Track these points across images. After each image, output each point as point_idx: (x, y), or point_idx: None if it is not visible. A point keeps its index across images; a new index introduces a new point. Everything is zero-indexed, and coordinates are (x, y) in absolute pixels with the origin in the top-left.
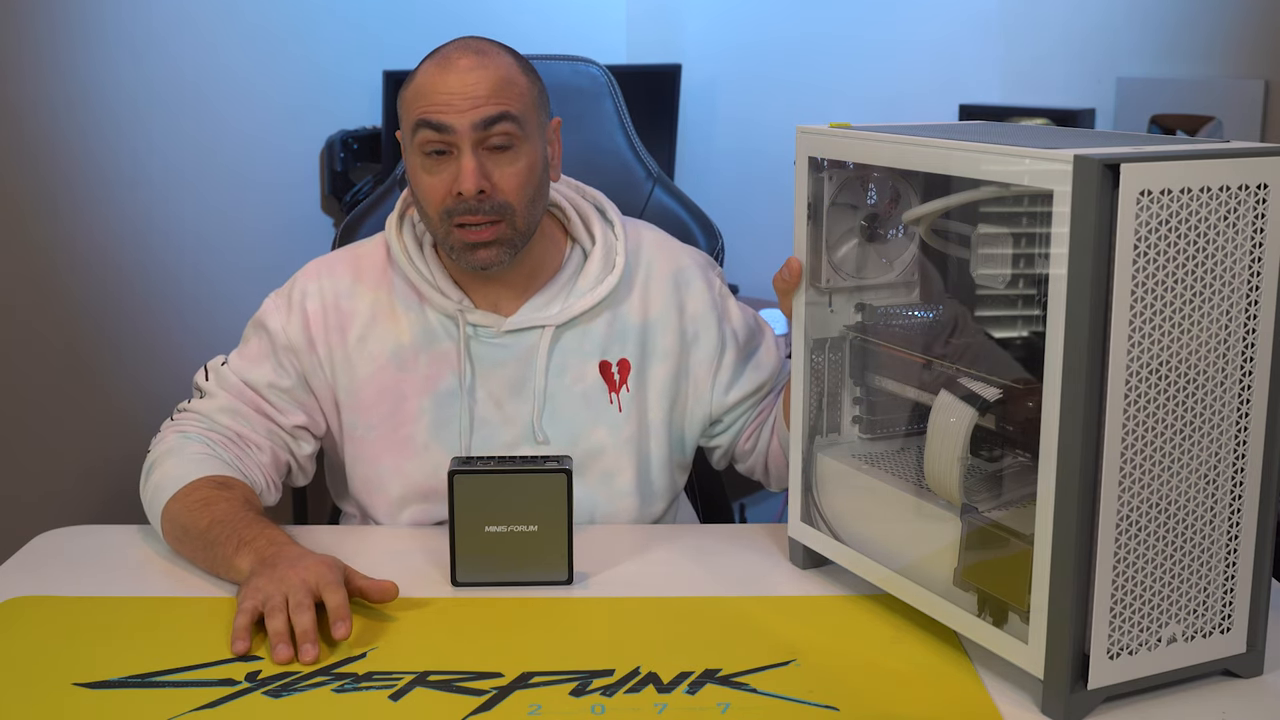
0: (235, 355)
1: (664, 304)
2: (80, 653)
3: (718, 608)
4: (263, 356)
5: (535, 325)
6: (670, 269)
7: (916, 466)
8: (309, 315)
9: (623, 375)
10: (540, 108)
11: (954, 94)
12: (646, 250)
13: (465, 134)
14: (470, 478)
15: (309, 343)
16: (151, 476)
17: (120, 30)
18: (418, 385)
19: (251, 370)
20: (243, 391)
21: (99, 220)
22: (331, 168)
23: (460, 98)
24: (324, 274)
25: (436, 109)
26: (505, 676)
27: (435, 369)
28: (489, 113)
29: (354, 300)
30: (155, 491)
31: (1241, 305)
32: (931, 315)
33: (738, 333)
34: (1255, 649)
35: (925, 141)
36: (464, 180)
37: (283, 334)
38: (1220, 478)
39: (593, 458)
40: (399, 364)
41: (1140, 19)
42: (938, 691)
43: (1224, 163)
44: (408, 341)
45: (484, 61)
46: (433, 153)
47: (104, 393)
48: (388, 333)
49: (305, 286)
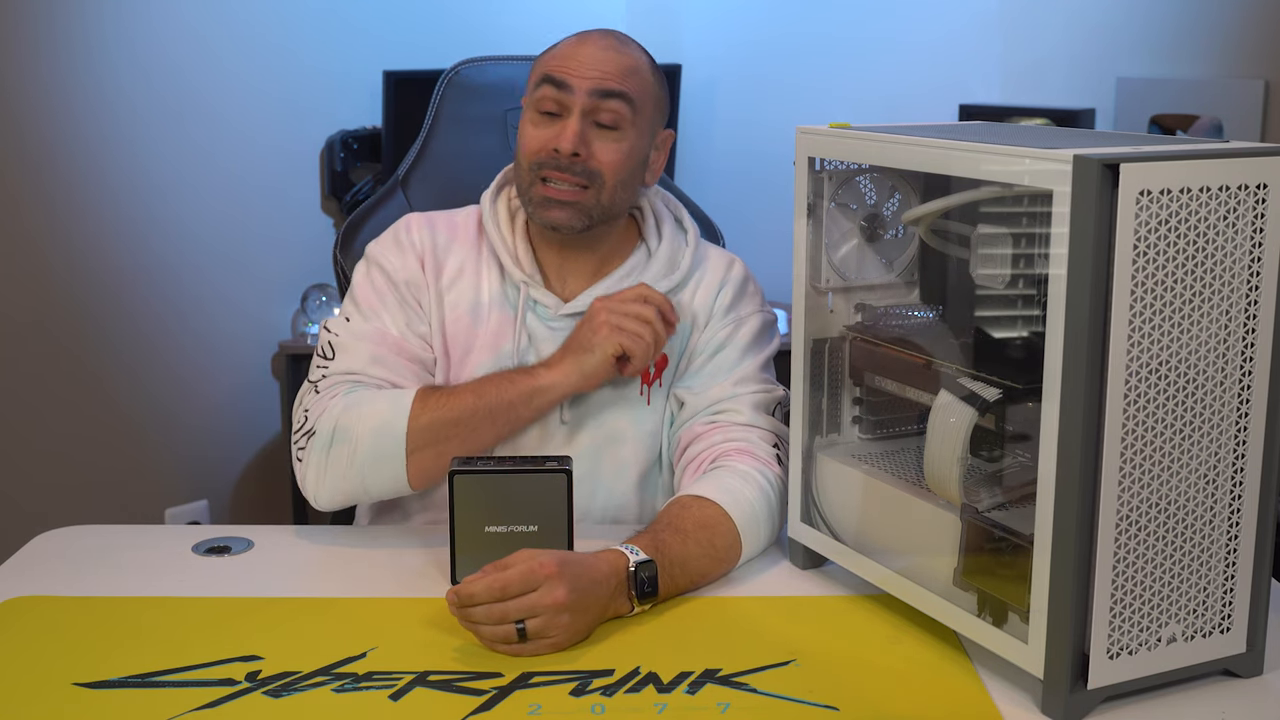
0: (351, 310)
1: (704, 306)
2: (80, 653)
3: (718, 608)
4: (384, 299)
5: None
6: (718, 279)
7: (916, 466)
8: (420, 251)
9: (659, 370)
10: (657, 110)
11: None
12: (710, 264)
13: (580, 98)
14: (470, 478)
15: (423, 275)
16: (351, 432)
17: (120, 31)
18: (485, 341)
19: (378, 316)
20: (384, 336)
21: (99, 220)
22: (331, 168)
23: (588, 66)
24: (425, 224)
25: (563, 69)
26: (505, 676)
27: (501, 331)
28: (610, 86)
29: (448, 253)
30: (378, 432)
31: (1241, 305)
32: (931, 315)
33: (726, 353)
34: (1255, 649)
35: (925, 141)
36: (564, 138)
37: (401, 269)
38: (1220, 478)
39: (611, 445)
40: (474, 317)
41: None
42: (938, 691)
43: (1224, 163)
44: (485, 300)
45: (620, 47)
46: (546, 112)
47: (104, 393)
48: (470, 286)
49: (410, 230)
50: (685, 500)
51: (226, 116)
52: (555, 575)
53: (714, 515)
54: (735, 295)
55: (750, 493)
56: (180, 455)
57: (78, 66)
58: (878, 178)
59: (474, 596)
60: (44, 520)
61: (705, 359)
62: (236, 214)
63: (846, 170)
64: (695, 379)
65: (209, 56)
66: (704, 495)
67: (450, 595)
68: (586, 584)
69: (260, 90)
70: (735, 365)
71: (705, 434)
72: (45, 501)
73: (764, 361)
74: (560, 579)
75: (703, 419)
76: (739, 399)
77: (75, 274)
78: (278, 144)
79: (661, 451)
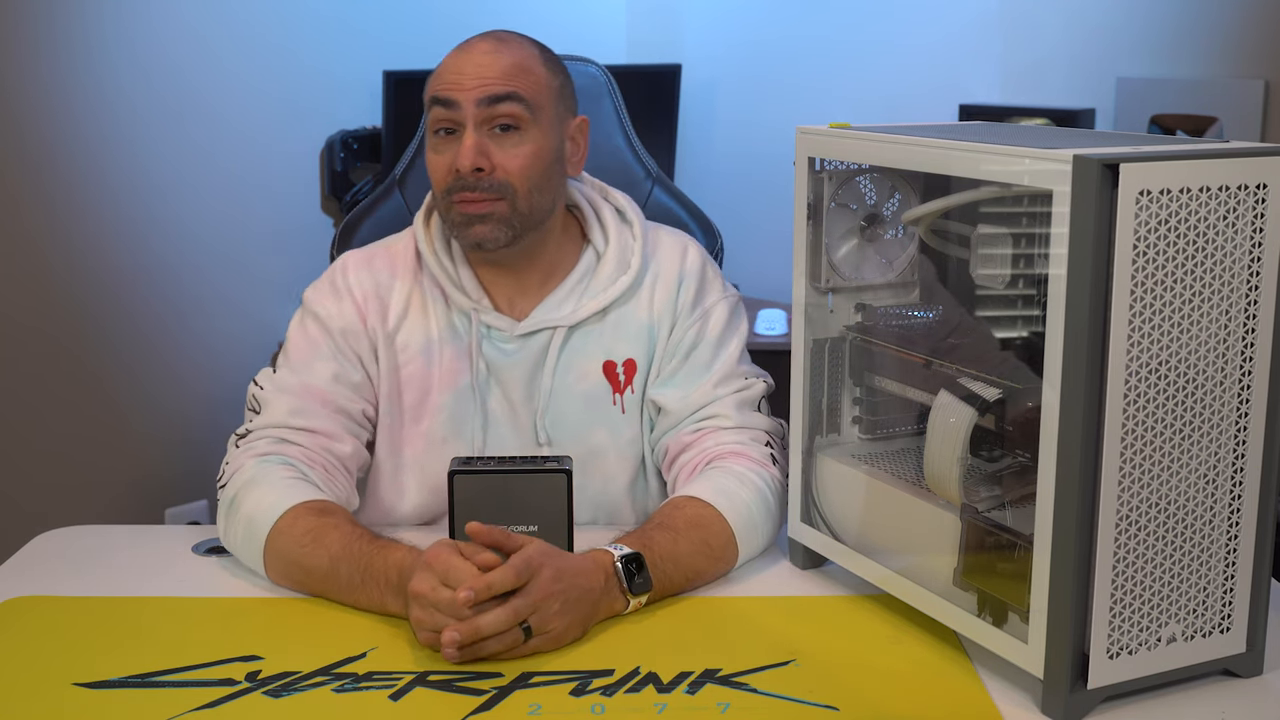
0: (282, 361)
1: (665, 303)
2: (80, 653)
3: (718, 608)
4: (317, 349)
5: (547, 327)
6: (675, 272)
7: (916, 466)
8: (356, 298)
9: (628, 376)
10: (560, 100)
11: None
12: (663, 253)
13: (469, 110)
14: (470, 478)
15: (361, 324)
16: (239, 510)
17: (120, 32)
18: (441, 380)
19: (308, 369)
20: (308, 389)
21: (99, 221)
22: (331, 168)
23: (470, 77)
24: (363, 264)
25: (446, 86)
26: (505, 676)
27: (457, 365)
28: (495, 91)
29: (391, 292)
30: (249, 526)
31: (1241, 305)
32: (931, 315)
33: (699, 351)
34: (1255, 649)
35: (925, 141)
36: (461, 156)
37: (337, 317)
38: (1220, 478)
39: (594, 459)
40: (427, 357)
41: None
42: (938, 691)
43: (1223, 163)
44: (435, 336)
45: (501, 47)
46: (441, 131)
47: (104, 393)
48: (419, 325)
49: (347, 274)
50: (678, 501)
51: (226, 116)
52: (541, 565)
53: (707, 514)
54: (697, 288)
55: (746, 493)
56: (180, 455)
57: (78, 66)
58: (878, 178)
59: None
60: (44, 520)
61: (679, 361)
62: (236, 214)
63: (846, 170)
64: (672, 383)
65: (209, 56)
66: (697, 495)
67: (451, 635)
68: (572, 574)
69: (260, 90)
70: (711, 363)
71: (695, 441)
72: (45, 501)
73: (739, 352)
74: (545, 567)
75: (689, 427)
76: (722, 402)
77: (75, 274)
78: (278, 144)
79: (645, 457)
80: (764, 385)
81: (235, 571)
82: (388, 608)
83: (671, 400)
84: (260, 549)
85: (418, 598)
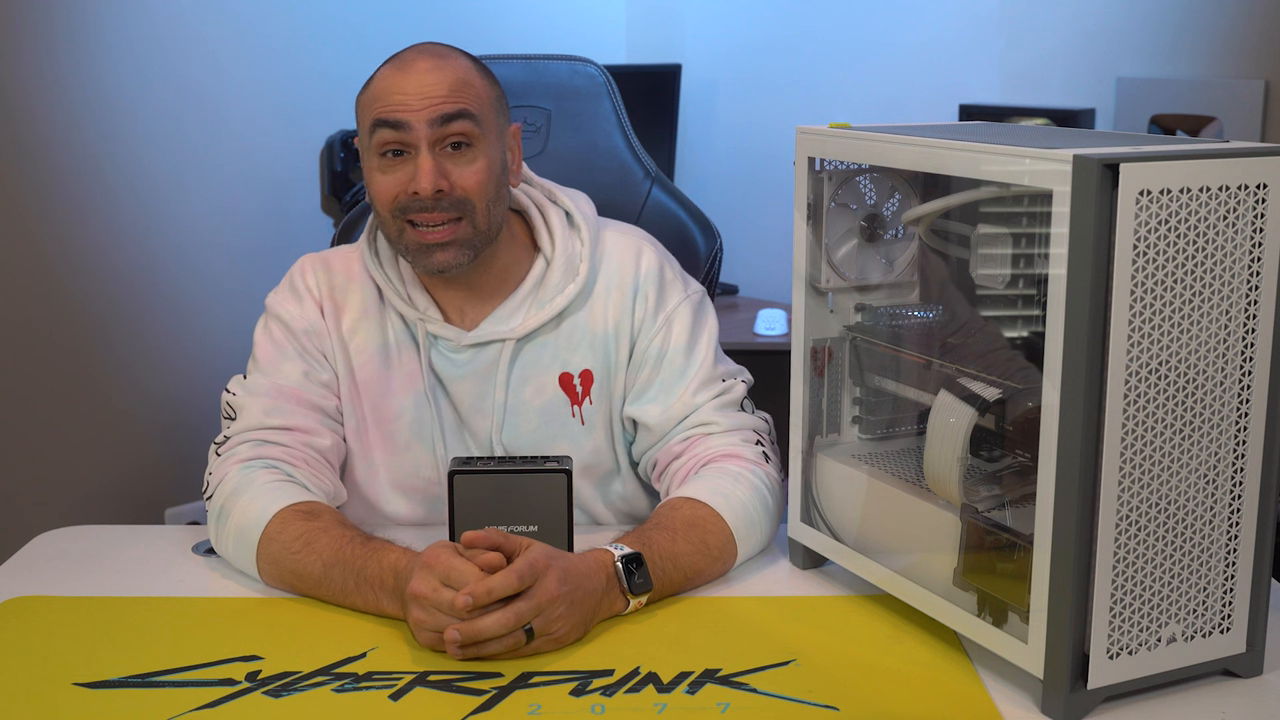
0: (252, 366)
1: (621, 312)
2: (80, 653)
3: (718, 608)
4: (283, 350)
5: (495, 339)
6: (630, 279)
7: (916, 466)
8: (316, 299)
9: (585, 387)
10: (499, 111)
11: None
12: (614, 257)
13: (422, 132)
14: (470, 478)
15: (323, 322)
16: (228, 521)
17: (120, 32)
18: (400, 383)
19: (276, 370)
20: (280, 389)
21: (99, 220)
22: (331, 168)
23: (417, 97)
24: (320, 266)
25: (393, 109)
26: (505, 676)
27: (412, 373)
28: (447, 110)
29: (347, 294)
30: (239, 535)
31: (1241, 305)
32: (931, 315)
33: (670, 359)
34: (1255, 649)
35: (925, 142)
36: (420, 179)
37: (300, 318)
38: (1220, 477)
39: None
40: (385, 360)
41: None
42: (938, 691)
43: (1223, 163)
44: (392, 339)
45: (441, 64)
46: (389, 153)
47: (104, 393)
48: (375, 328)
49: (305, 275)
50: (675, 502)
51: (226, 116)
52: (546, 567)
53: (704, 514)
54: (657, 294)
55: (742, 493)
56: (180, 455)
57: (78, 66)
58: (878, 178)
59: (492, 592)
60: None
61: (651, 372)
62: (236, 214)
63: (846, 170)
64: (647, 397)
65: (209, 56)
66: (693, 496)
67: (453, 634)
68: (576, 576)
69: (260, 90)
70: (685, 370)
71: (686, 449)
72: (45, 501)
73: (711, 352)
74: (550, 570)
75: (677, 437)
76: (705, 409)
77: (75, 274)
78: (278, 144)
79: (618, 460)
80: (743, 385)
81: (235, 571)
82: (384, 610)
83: (651, 415)
84: (253, 556)
85: (418, 599)
